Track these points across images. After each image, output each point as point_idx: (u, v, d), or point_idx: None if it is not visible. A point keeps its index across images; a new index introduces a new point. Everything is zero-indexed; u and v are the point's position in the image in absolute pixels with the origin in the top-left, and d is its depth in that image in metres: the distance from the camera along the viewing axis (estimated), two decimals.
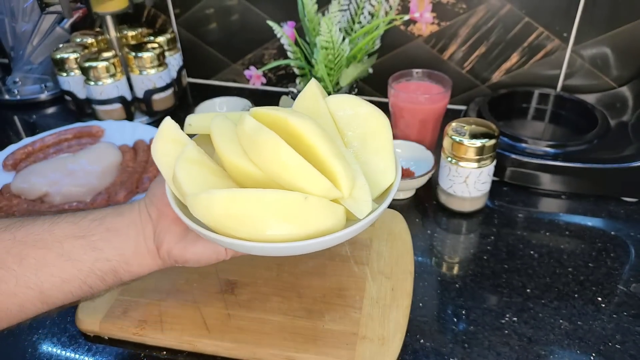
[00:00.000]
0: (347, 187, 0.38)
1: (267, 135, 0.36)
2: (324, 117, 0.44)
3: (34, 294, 0.41)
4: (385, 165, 0.43)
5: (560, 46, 0.82)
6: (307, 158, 0.37)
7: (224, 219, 0.36)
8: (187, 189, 0.39)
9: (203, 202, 0.37)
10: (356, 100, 0.45)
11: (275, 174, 0.37)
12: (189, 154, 0.40)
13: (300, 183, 0.37)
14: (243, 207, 0.36)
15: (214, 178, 0.41)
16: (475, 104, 0.81)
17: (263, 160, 0.38)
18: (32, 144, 0.78)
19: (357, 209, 0.39)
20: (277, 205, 0.36)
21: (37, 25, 0.96)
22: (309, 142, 0.37)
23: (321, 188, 0.37)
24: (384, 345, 0.47)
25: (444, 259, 0.61)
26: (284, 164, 0.36)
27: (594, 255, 0.60)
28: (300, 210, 0.36)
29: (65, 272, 0.41)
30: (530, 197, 0.70)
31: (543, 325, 0.51)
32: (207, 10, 0.95)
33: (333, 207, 0.38)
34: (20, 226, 0.42)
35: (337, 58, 0.79)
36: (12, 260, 0.40)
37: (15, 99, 0.99)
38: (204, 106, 0.86)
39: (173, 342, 0.49)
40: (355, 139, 0.44)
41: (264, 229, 0.36)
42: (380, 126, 0.44)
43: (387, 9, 0.82)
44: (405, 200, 0.70)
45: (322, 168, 0.37)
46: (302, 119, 0.38)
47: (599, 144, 0.70)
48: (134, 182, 0.70)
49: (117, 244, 0.43)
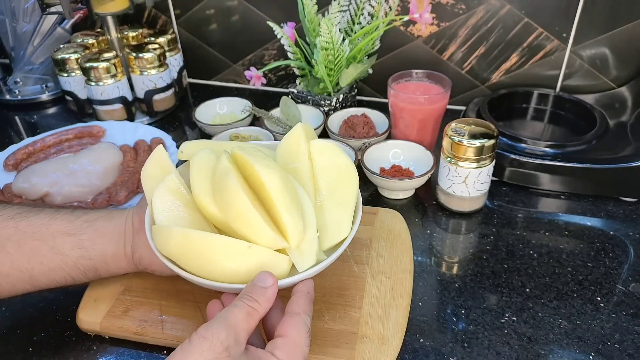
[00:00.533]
0: (294, 240, 0.43)
1: (231, 182, 0.41)
2: (302, 161, 0.49)
3: (24, 277, 0.47)
4: (343, 220, 0.47)
5: (559, 46, 0.82)
6: (266, 206, 0.43)
7: (178, 252, 0.42)
8: (157, 217, 0.45)
9: (163, 234, 0.42)
10: (337, 150, 0.50)
11: (230, 218, 0.42)
12: (169, 183, 0.46)
13: (250, 232, 0.42)
14: (194, 246, 0.41)
15: (184, 210, 0.46)
16: (474, 105, 0.81)
17: (223, 202, 0.42)
18: (33, 144, 0.79)
19: (300, 261, 0.43)
20: (224, 249, 0.41)
21: (38, 25, 0.96)
22: (268, 193, 0.42)
23: (268, 239, 0.42)
24: (384, 344, 0.47)
25: (444, 258, 0.61)
26: (239, 211, 0.41)
27: (593, 255, 0.60)
28: (244, 256, 0.41)
29: (53, 262, 0.48)
30: (530, 197, 0.70)
31: (542, 325, 0.51)
32: (208, 11, 0.95)
33: (277, 257, 0.42)
34: (25, 217, 0.48)
35: (337, 59, 0.79)
36: (11, 246, 0.47)
37: (16, 99, 0.99)
38: (204, 106, 0.86)
39: (174, 341, 0.49)
40: (326, 187, 0.49)
41: (210, 268, 0.41)
42: (350, 180, 0.49)
43: (386, 9, 0.82)
44: (405, 200, 0.70)
45: (276, 219, 0.42)
46: (267, 169, 0.42)
47: (598, 144, 0.70)
48: (134, 182, 0.70)
49: (100, 245, 0.49)
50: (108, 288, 0.54)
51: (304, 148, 0.49)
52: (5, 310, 0.55)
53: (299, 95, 0.86)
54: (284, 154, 0.51)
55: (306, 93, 0.85)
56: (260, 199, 0.43)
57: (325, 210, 0.48)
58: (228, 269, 0.41)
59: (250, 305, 0.38)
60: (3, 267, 0.46)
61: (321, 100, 0.83)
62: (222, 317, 0.37)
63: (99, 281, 0.55)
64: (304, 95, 0.85)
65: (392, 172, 0.70)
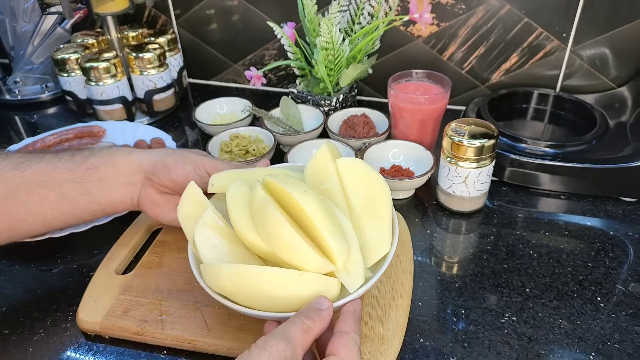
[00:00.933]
0: (341, 262, 0.43)
1: (272, 213, 0.42)
2: (332, 181, 0.49)
3: (38, 221, 0.52)
4: (382, 235, 0.48)
5: (559, 47, 0.82)
6: (306, 230, 0.43)
7: (230, 288, 0.43)
8: (202, 254, 0.45)
9: (212, 272, 0.43)
10: (365, 166, 0.50)
11: (276, 248, 0.43)
12: (207, 219, 0.46)
13: (297, 260, 0.42)
14: (245, 280, 0.42)
15: (227, 244, 0.46)
16: (474, 105, 0.81)
17: (267, 233, 0.43)
18: (33, 144, 0.79)
19: (349, 282, 0.44)
20: (276, 281, 0.41)
21: (38, 25, 0.96)
22: (310, 219, 0.42)
23: (316, 265, 0.42)
24: (384, 344, 0.47)
25: (444, 258, 0.61)
26: (284, 241, 0.42)
27: (593, 255, 0.60)
28: (296, 285, 0.42)
29: (64, 208, 0.52)
30: (530, 197, 0.70)
31: (542, 325, 0.51)
32: (208, 10, 0.95)
33: (327, 281, 0.43)
34: (28, 166, 0.51)
35: (337, 59, 0.79)
36: (21, 194, 0.50)
37: (16, 99, 1.00)
38: (204, 106, 0.86)
39: (173, 341, 0.49)
40: (359, 204, 0.49)
41: (264, 300, 0.42)
42: (383, 195, 0.49)
43: (386, 9, 0.82)
44: (405, 200, 0.70)
45: (319, 242, 0.43)
46: (304, 195, 0.43)
47: (598, 144, 0.70)
48: None
49: (107, 191, 0.53)
50: (108, 288, 0.54)
51: (332, 167, 0.49)
52: (6, 310, 0.55)
53: (299, 95, 0.86)
54: (312, 175, 0.51)
55: (306, 93, 0.85)
56: (299, 223, 0.43)
57: (362, 227, 0.48)
58: (281, 299, 0.42)
59: (306, 322, 0.39)
60: (18, 212, 0.50)
61: (321, 100, 0.83)
62: (280, 332, 0.38)
63: (99, 281, 0.55)
64: (304, 95, 0.85)
65: (392, 172, 0.70)
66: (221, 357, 0.49)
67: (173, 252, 0.59)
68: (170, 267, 0.57)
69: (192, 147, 0.85)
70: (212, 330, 0.49)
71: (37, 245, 0.62)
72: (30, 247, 0.62)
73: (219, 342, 0.48)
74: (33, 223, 0.52)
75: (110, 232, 0.64)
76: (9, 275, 0.60)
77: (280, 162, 0.78)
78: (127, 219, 0.64)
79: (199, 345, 0.49)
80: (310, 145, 0.75)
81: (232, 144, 0.76)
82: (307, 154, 0.74)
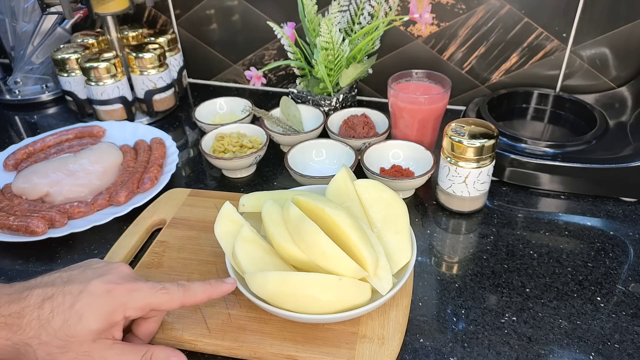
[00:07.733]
0: (372, 268, 0.47)
1: (309, 226, 0.46)
2: (352, 199, 0.55)
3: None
4: (404, 246, 0.53)
5: (559, 46, 0.82)
6: (339, 241, 0.47)
7: (275, 294, 0.46)
8: (244, 266, 0.49)
9: (259, 280, 0.46)
10: (380, 186, 0.55)
11: (315, 258, 0.47)
12: (245, 234, 0.51)
13: (335, 267, 0.46)
14: (291, 286, 0.46)
15: (265, 255, 0.51)
16: (474, 105, 0.81)
17: (305, 245, 0.47)
18: (33, 144, 0.79)
19: (380, 286, 0.48)
20: (318, 285, 0.46)
21: (38, 25, 0.96)
22: (342, 231, 0.47)
23: (351, 271, 0.46)
24: (384, 344, 0.47)
25: (444, 258, 0.61)
26: (323, 251, 0.46)
27: (593, 255, 0.60)
28: (336, 288, 0.46)
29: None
30: (530, 197, 0.70)
31: (542, 325, 0.51)
32: (208, 10, 0.95)
33: (361, 285, 0.47)
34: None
35: (337, 59, 0.79)
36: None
37: (16, 99, 1.00)
38: (204, 106, 0.86)
39: (173, 341, 0.49)
40: (379, 220, 0.55)
41: (306, 304, 0.46)
42: (400, 211, 0.54)
43: (386, 9, 0.82)
44: (405, 200, 0.70)
45: (352, 251, 0.47)
46: (336, 210, 0.48)
47: (598, 144, 0.70)
48: (134, 182, 0.70)
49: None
50: None
51: (351, 188, 0.55)
52: None
53: (299, 95, 0.86)
54: (334, 195, 0.56)
55: (306, 93, 0.85)
56: (329, 235, 0.47)
57: (384, 240, 0.53)
58: (323, 302, 0.46)
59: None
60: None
61: (321, 100, 0.84)
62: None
63: None
64: (304, 95, 0.85)
65: (392, 172, 0.70)
66: (221, 357, 0.49)
67: (173, 252, 0.59)
68: (170, 267, 0.57)
69: (192, 147, 0.85)
70: (212, 330, 0.49)
71: (37, 245, 0.62)
72: (31, 246, 0.62)
73: (219, 342, 0.48)
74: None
75: (110, 232, 0.64)
76: (9, 275, 0.60)
77: (280, 163, 0.78)
78: (127, 219, 0.64)
79: (199, 345, 0.49)
80: (310, 145, 0.75)
81: (225, 142, 0.76)
82: (307, 154, 0.74)
